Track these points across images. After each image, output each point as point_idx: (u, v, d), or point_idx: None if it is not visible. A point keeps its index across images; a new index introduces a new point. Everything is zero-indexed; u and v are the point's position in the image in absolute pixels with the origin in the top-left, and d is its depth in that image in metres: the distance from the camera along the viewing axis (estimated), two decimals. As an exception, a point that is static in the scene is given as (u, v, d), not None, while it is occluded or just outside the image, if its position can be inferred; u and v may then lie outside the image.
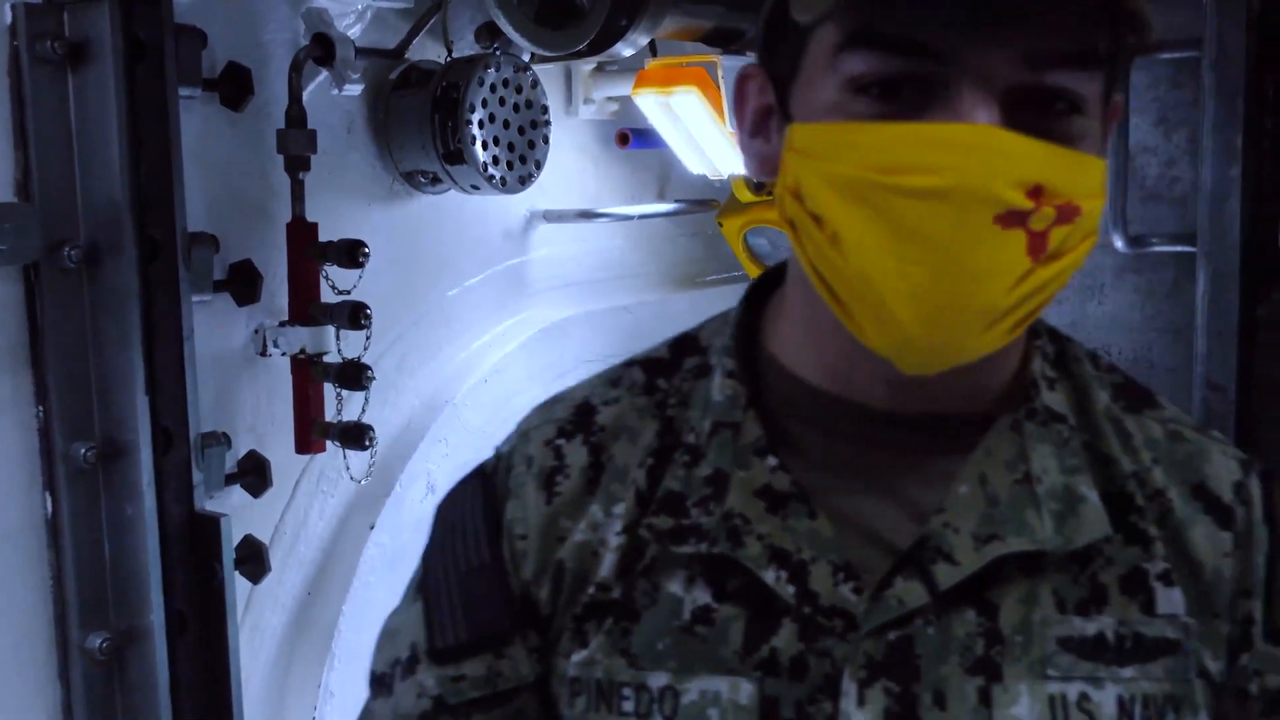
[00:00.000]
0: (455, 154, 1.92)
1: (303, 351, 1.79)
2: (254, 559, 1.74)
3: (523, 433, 0.87)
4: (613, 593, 0.79)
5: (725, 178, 2.37)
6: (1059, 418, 0.79)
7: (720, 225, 2.51)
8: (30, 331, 1.48)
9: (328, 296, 1.82)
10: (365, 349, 1.82)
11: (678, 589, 0.77)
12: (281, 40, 1.82)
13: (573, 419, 0.85)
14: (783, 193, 0.74)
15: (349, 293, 1.82)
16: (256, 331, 1.79)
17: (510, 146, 2.00)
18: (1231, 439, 1.13)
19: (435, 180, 2.02)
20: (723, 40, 2.07)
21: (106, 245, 1.49)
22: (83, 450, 1.49)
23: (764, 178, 0.81)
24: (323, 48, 1.77)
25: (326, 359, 1.81)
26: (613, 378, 0.88)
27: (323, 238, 1.82)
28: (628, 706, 0.77)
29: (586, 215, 2.35)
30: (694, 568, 0.77)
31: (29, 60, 1.44)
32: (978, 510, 0.75)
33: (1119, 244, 1.17)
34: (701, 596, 0.77)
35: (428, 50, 2.05)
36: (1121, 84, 1.19)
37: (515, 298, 2.29)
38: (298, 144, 1.76)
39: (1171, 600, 0.77)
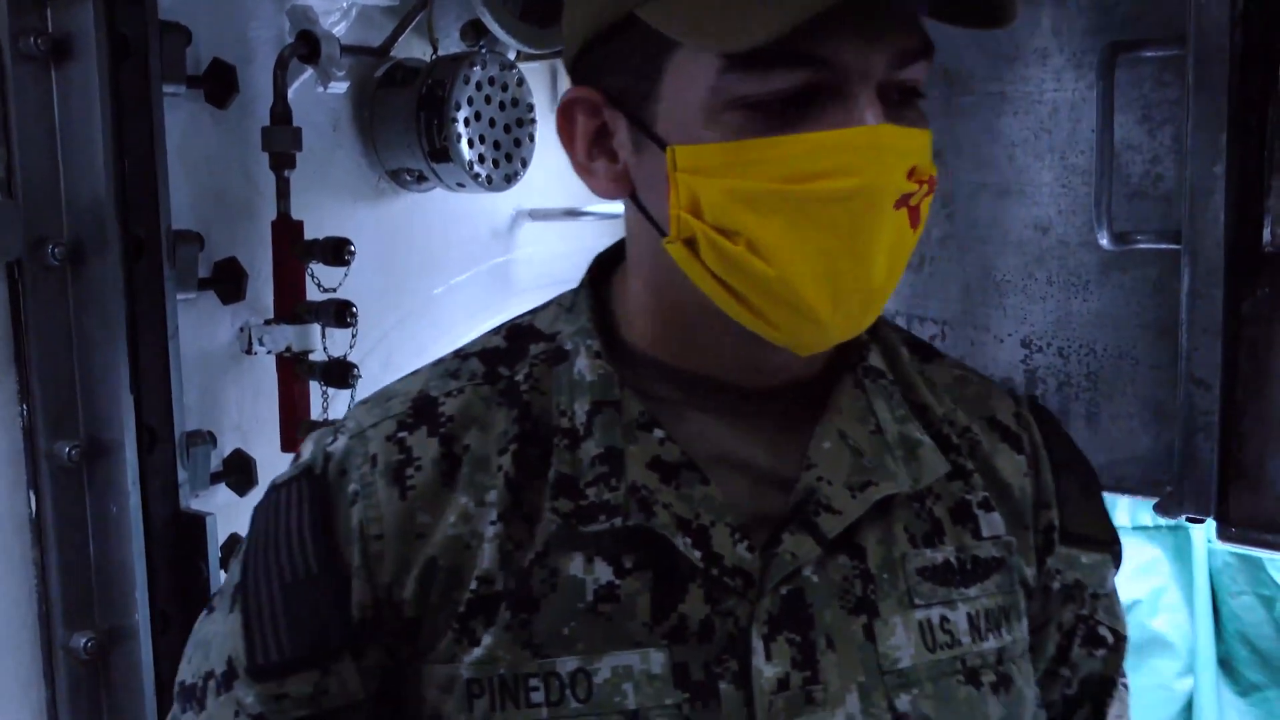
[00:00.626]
0: (441, 152, 1.92)
1: (288, 350, 1.78)
2: (239, 558, 1.74)
3: (356, 432, 0.82)
4: (496, 585, 0.77)
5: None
6: (882, 373, 0.87)
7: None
8: (13, 329, 1.47)
9: (313, 294, 1.82)
10: (351, 347, 1.81)
11: (578, 571, 0.77)
12: (266, 37, 1.82)
13: (413, 413, 0.82)
14: (678, 213, 0.74)
15: (335, 290, 1.82)
16: (242, 330, 1.79)
17: (496, 145, 2.00)
18: (1216, 433, 1.14)
19: (421, 178, 2.02)
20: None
21: (90, 243, 1.48)
22: (67, 449, 1.48)
23: (614, 197, 0.81)
24: (308, 45, 1.77)
25: (312, 357, 1.80)
26: (449, 370, 0.85)
27: (308, 236, 1.81)
28: (537, 697, 0.75)
29: (572, 214, 2.35)
30: (591, 548, 0.77)
31: (12, 56, 1.43)
32: (845, 462, 0.81)
33: (1104, 241, 1.17)
34: (604, 574, 0.77)
35: (413, 48, 2.04)
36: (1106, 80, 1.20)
37: (501, 296, 2.29)
38: (283, 141, 1.76)
39: (993, 523, 0.86)
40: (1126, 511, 2.49)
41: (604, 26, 0.76)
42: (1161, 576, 2.49)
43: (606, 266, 0.90)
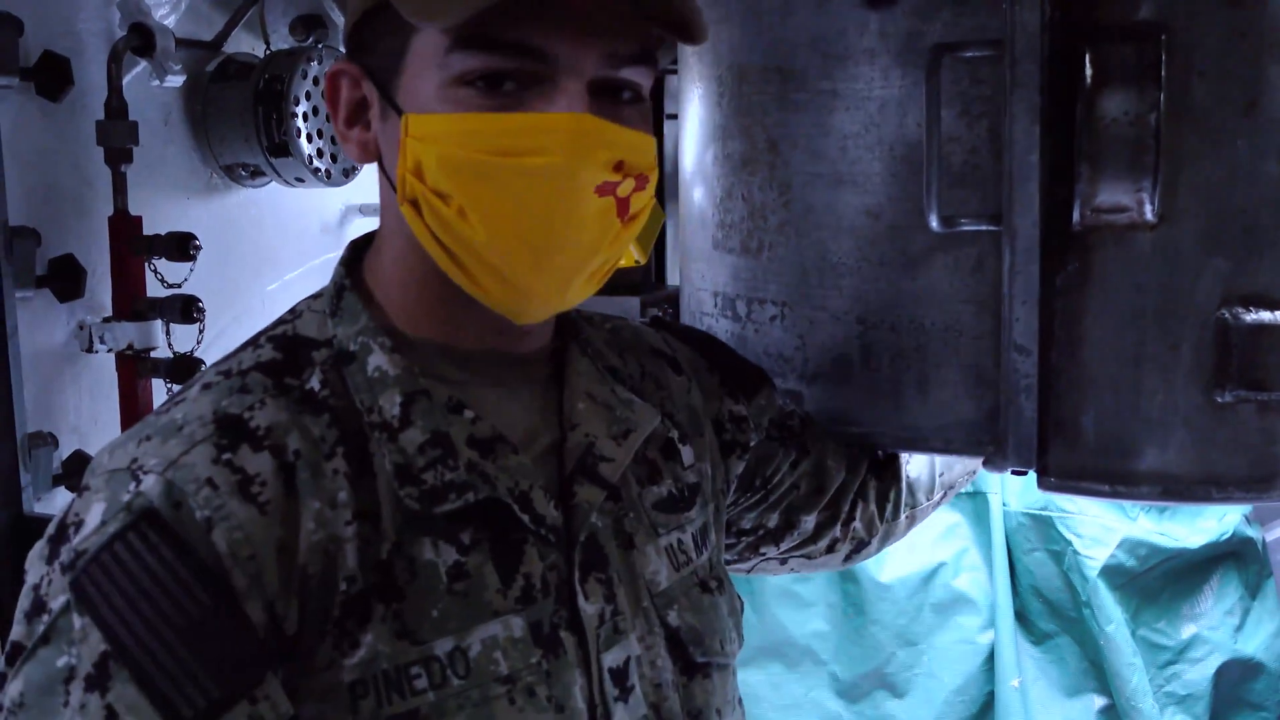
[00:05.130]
0: (280, 147, 1.91)
1: (129, 348, 1.75)
2: (86, 561, 1.68)
3: (165, 467, 0.76)
4: (359, 584, 0.78)
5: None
6: (589, 344, 0.97)
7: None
8: None
9: (154, 290, 1.79)
10: (198, 343, 1.79)
11: (429, 555, 0.80)
12: (95, 30, 1.78)
13: (222, 434, 0.78)
14: (404, 174, 0.82)
15: (180, 286, 1.79)
16: (81, 327, 1.74)
17: (334, 139, 2.00)
18: (1035, 394, 1.26)
19: (256, 173, 2.00)
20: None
21: (-74, 239, 1.43)
22: (-97, 454, 1.43)
23: (364, 162, 0.88)
24: (142, 38, 1.74)
25: (155, 354, 1.77)
26: (236, 387, 0.82)
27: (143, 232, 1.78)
28: (420, 684, 0.78)
29: (403, 209, 2.35)
30: (436, 531, 0.81)
31: None
32: (601, 416, 0.91)
33: (934, 224, 1.26)
34: (449, 555, 0.81)
35: (241, 43, 2.03)
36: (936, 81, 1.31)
37: (334, 292, 2.27)
38: (120, 135, 1.72)
39: (687, 454, 0.99)
40: (931, 481, 2.64)
41: (369, 8, 0.83)
42: (962, 539, 2.65)
43: (353, 267, 0.92)
